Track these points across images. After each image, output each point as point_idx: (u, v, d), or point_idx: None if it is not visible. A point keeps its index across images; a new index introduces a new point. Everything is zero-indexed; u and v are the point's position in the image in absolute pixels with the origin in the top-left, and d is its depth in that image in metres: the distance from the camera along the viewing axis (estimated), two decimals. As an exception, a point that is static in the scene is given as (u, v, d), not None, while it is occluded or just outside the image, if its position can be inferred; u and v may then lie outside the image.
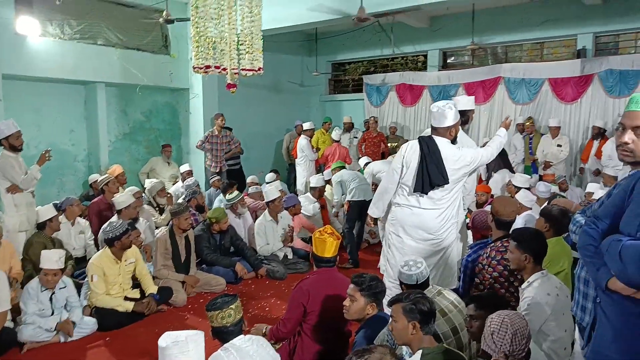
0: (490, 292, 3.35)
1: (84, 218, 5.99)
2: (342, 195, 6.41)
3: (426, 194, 3.75)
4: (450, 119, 3.72)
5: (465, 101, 4.23)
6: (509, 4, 8.98)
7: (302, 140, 9.22)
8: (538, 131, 8.55)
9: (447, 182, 3.72)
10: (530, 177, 6.94)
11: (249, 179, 8.24)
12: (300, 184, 9.12)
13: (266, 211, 6.09)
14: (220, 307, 2.62)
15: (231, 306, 2.64)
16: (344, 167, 6.83)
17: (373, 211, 4.13)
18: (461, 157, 3.78)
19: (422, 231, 3.84)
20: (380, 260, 4.30)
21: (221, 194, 7.16)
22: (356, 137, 10.08)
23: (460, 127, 4.04)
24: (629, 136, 1.81)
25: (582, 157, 8.26)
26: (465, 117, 4.15)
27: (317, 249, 3.44)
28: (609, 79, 8.19)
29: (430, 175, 3.69)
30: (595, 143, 7.91)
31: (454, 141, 3.84)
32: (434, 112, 3.76)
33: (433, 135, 3.79)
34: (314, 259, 3.51)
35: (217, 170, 8.38)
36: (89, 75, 7.57)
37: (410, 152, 3.82)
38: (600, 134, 7.84)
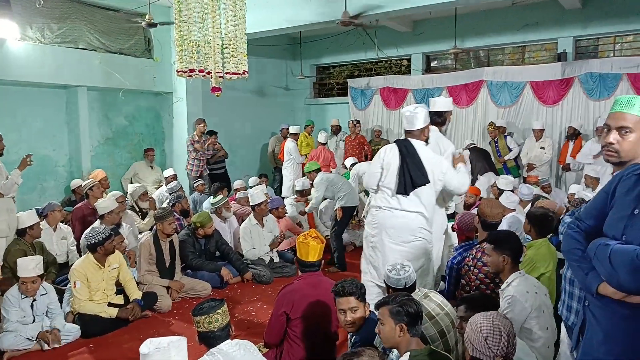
0: (481, 293, 3.37)
1: (66, 224, 5.90)
2: (325, 199, 6.39)
3: (408, 194, 3.80)
4: (421, 120, 3.84)
5: (442, 102, 4.29)
6: (490, 8, 9.10)
7: (290, 143, 9.22)
8: (501, 134, 8.65)
9: (428, 182, 3.77)
10: (513, 178, 7.02)
11: (236, 184, 8.19)
12: (287, 188, 9.08)
13: (251, 215, 6.05)
14: (206, 312, 2.60)
15: (218, 311, 2.62)
16: (319, 170, 6.79)
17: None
18: (438, 161, 3.86)
19: (403, 233, 3.87)
20: (362, 262, 4.29)
21: (210, 197, 7.10)
22: (343, 140, 10.11)
23: (438, 128, 4.16)
24: (613, 136, 1.84)
25: (559, 159, 8.38)
26: (442, 118, 4.24)
27: (300, 253, 3.41)
28: (589, 82, 8.34)
29: (412, 175, 3.75)
30: (571, 144, 8.05)
31: (426, 142, 3.95)
32: (406, 116, 3.88)
33: (409, 138, 3.88)
34: (298, 264, 3.49)
35: (198, 175, 8.33)
36: (70, 80, 7.46)
37: (389, 155, 3.89)
38: (574, 135, 7.97)
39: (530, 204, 5.64)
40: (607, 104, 7.91)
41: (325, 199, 6.72)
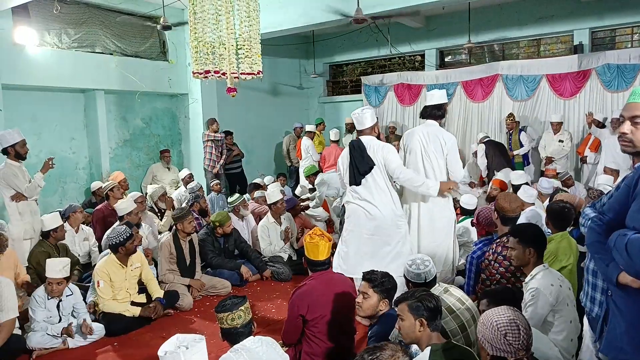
0: (503, 287, 3.35)
1: (87, 225, 6.00)
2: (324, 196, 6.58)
3: (359, 184, 4.13)
4: (369, 120, 4.18)
5: (439, 95, 4.39)
6: (504, 1, 9.02)
7: (307, 141, 9.30)
8: (517, 128, 8.57)
9: (373, 164, 4.08)
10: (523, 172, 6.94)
11: (257, 181, 8.28)
12: (302, 185, 9.09)
13: (269, 213, 6.10)
14: (230, 309, 2.63)
15: (241, 307, 2.65)
16: (319, 171, 6.93)
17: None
18: (381, 146, 4.13)
19: (371, 221, 4.15)
20: (335, 259, 4.38)
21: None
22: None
23: (438, 122, 4.34)
24: (627, 127, 1.86)
25: (578, 149, 8.29)
26: (442, 110, 4.36)
27: (310, 253, 3.38)
28: (607, 74, 8.21)
29: (357, 165, 4.09)
30: (593, 137, 7.92)
31: (379, 137, 4.32)
32: (355, 118, 4.23)
33: (360, 137, 4.24)
34: (307, 264, 3.44)
35: (216, 171, 8.44)
36: (87, 83, 7.59)
37: (343, 156, 4.33)
38: (601, 126, 7.82)
39: (549, 197, 5.59)
40: (626, 95, 7.78)
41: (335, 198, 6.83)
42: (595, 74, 8.33)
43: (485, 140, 8.18)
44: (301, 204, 7.03)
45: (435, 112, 4.33)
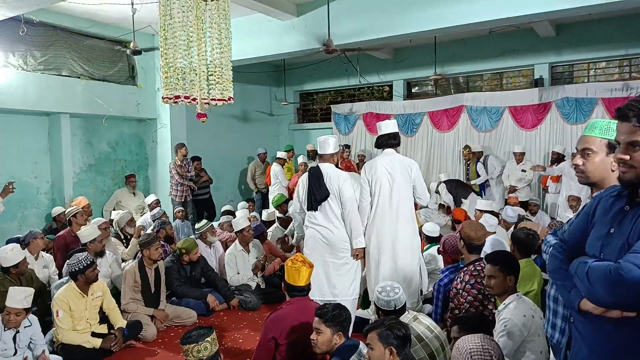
0: (474, 314, 3.38)
1: (47, 252, 5.79)
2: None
3: (316, 209, 4.31)
4: (332, 146, 4.38)
5: (392, 124, 4.58)
6: (469, 36, 9.36)
7: (277, 167, 9.32)
8: (475, 159, 8.85)
9: (328, 194, 4.25)
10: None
11: (224, 208, 8.21)
12: (272, 212, 9.03)
13: (236, 240, 6.02)
14: (195, 340, 2.57)
15: (207, 339, 2.60)
16: (288, 200, 6.95)
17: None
18: (337, 176, 4.28)
19: (325, 246, 4.29)
20: None
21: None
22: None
23: (395, 150, 4.50)
24: (578, 159, 1.97)
25: (542, 180, 8.56)
26: (398, 139, 4.54)
27: (290, 277, 3.43)
28: (566, 107, 8.58)
29: (315, 192, 4.25)
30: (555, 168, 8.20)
31: (336, 165, 4.51)
32: (320, 142, 4.42)
33: (319, 163, 4.44)
34: (286, 288, 3.51)
35: (182, 200, 8.30)
36: (52, 106, 7.43)
37: (302, 181, 4.49)
38: (559, 159, 8.12)
39: (514, 225, 5.71)
40: (584, 127, 8.10)
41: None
42: (555, 106, 8.69)
43: (443, 181, 8.37)
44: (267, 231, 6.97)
45: (392, 141, 4.46)
